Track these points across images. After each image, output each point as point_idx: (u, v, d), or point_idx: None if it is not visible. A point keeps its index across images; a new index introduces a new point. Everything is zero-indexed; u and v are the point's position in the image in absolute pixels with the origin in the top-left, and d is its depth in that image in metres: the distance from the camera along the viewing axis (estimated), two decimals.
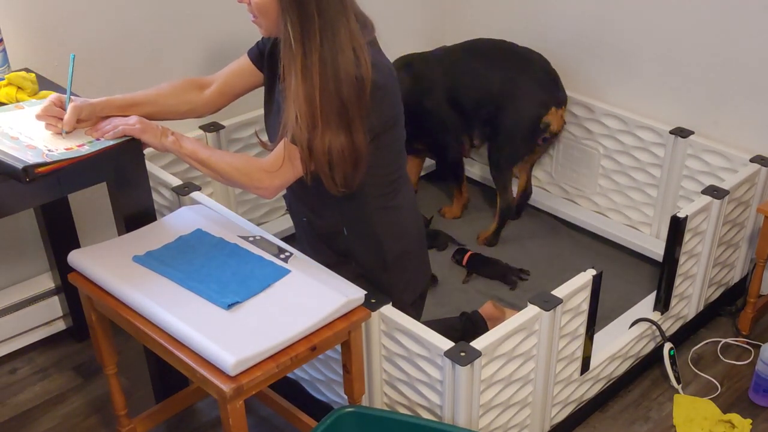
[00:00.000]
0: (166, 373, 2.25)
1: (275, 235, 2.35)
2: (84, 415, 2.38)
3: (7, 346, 2.56)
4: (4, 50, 2.22)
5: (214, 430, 2.33)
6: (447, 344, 1.85)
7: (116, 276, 1.85)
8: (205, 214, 2.08)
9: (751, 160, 2.58)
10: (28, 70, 2.23)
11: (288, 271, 1.87)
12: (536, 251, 3.00)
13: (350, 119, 1.85)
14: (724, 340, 2.63)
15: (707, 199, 2.41)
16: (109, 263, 1.89)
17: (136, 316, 1.79)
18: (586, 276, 2.07)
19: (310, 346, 1.73)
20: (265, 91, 2.12)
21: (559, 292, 2.01)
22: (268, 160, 1.92)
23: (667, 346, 2.43)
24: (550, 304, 1.98)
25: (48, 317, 2.60)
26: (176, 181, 2.32)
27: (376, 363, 2.02)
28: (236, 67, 2.13)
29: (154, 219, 2.10)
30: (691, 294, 2.56)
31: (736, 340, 2.63)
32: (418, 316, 2.24)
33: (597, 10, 2.89)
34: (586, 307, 2.10)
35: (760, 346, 2.50)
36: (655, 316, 2.45)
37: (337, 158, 1.87)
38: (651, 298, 2.52)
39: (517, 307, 2.36)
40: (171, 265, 1.87)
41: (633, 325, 2.43)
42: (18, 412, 2.39)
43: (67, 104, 1.92)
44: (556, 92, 2.91)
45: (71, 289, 2.40)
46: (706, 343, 2.62)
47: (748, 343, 2.61)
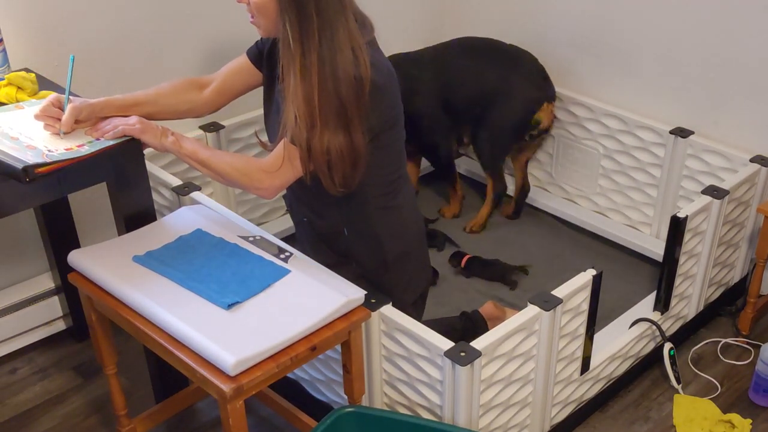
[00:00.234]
0: (166, 373, 2.25)
1: (275, 235, 2.35)
2: (84, 415, 2.38)
3: (7, 346, 2.56)
4: (4, 50, 2.22)
5: (214, 430, 2.33)
6: (447, 344, 1.85)
7: (116, 276, 1.85)
8: (205, 214, 2.08)
9: (751, 160, 2.58)
10: (28, 70, 2.23)
11: (288, 271, 1.87)
12: (536, 251, 3.00)
13: (349, 119, 1.85)
14: (724, 340, 2.63)
15: (707, 199, 2.41)
16: (109, 263, 1.89)
17: (136, 316, 1.79)
18: (586, 276, 2.07)
19: (310, 346, 1.73)
20: (264, 92, 2.12)
21: (559, 292, 2.01)
22: (267, 160, 1.92)
23: (667, 346, 2.43)
24: (550, 304, 1.98)
25: (48, 317, 2.60)
26: (176, 181, 2.32)
27: (376, 363, 2.02)
28: (235, 66, 2.13)
29: (154, 219, 2.10)
30: (691, 294, 2.56)
31: (736, 340, 2.63)
32: (419, 316, 2.24)
33: (597, 10, 2.89)
34: (586, 307, 2.10)
35: (760, 346, 2.50)
36: (655, 316, 2.45)
37: (336, 158, 1.87)
38: (651, 298, 2.52)
39: (518, 307, 2.36)
40: (171, 265, 1.87)
41: (633, 325, 2.43)
42: (18, 412, 2.39)
43: (66, 105, 1.92)
44: (546, 88, 2.95)
45: (71, 289, 2.40)
46: (706, 343, 2.62)
47: (748, 343, 2.61)
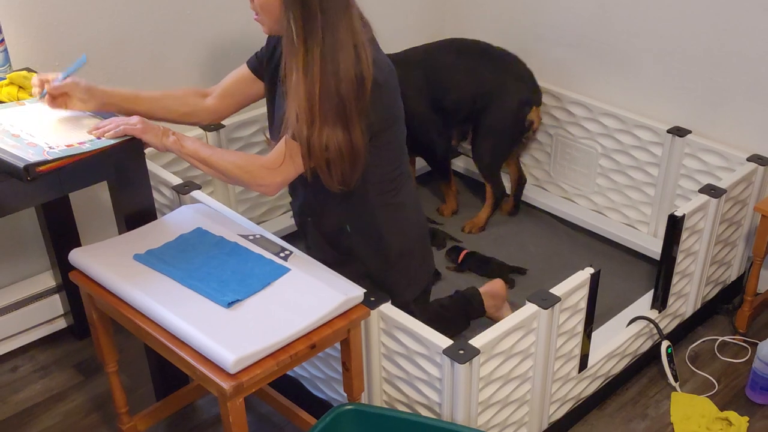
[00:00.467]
0: (166, 370, 2.25)
1: (275, 233, 2.36)
2: (85, 412, 2.39)
3: (8, 344, 2.56)
4: (6, 50, 2.22)
5: (214, 427, 2.33)
6: (446, 342, 1.85)
7: (117, 274, 1.85)
8: (206, 213, 2.09)
9: (748, 159, 2.59)
10: (29, 70, 2.24)
11: (288, 270, 1.88)
12: (534, 250, 3.01)
13: (348, 116, 1.85)
14: (721, 338, 2.63)
15: (704, 197, 2.41)
16: (110, 261, 1.89)
17: (136, 314, 1.80)
18: (584, 274, 2.08)
19: (309, 344, 1.74)
20: (267, 101, 2.14)
21: (557, 290, 2.02)
22: (269, 157, 1.93)
23: (665, 344, 2.44)
24: (548, 302, 1.98)
25: (49, 315, 2.61)
26: (177, 180, 2.33)
27: (376, 361, 2.03)
28: (235, 75, 2.16)
29: (155, 218, 2.11)
30: (689, 292, 2.57)
31: (733, 338, 2.63)
32: (422, 312, 2.24)
33: (596, 10, 2.90)
34: (584, 305, 2.11)
35: (757, 343, 2.51)
36: (653, 314, 2.46)
37: (335, 155, 1.88)
38: (648, 297, 2.52)
39: (516, 305, 2.37)
40: (171, 263, 1.88)
41: (631, 323, 2.43)
42: (19, 409, 2.39)
43: (61, 80, 1.97)
44: (535, 91, 2.98)
45: (72, 287, 2.41)
46: (704, 341, 2.63)
47: (745, 341, 2.62)
